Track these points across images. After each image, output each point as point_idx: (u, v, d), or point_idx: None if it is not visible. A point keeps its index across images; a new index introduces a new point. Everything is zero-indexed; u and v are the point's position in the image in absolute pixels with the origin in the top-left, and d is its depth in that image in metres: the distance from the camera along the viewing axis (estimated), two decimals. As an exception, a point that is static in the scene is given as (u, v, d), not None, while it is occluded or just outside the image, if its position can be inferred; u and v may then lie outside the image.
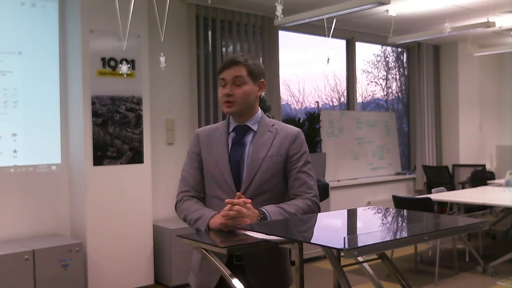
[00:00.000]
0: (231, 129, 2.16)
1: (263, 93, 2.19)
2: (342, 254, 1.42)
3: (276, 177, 2.08)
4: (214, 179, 2.12)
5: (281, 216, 1.97)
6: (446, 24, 5.84)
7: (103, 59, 4.62)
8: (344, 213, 2.14)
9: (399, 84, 8.87)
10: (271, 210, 1.98)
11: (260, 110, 2.20)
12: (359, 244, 1.44)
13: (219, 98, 2.13)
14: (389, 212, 2.20)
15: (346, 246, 1.38)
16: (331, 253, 1.64)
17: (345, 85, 7.79)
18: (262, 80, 2.16)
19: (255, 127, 2.14)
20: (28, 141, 4.58)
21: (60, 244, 4.30)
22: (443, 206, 6.07)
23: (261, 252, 2.00)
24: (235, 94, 2.07)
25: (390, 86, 8.76)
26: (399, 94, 8.90)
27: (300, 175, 2.09)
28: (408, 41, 6.66)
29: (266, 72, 6.10)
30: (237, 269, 1.94)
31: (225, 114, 2.15)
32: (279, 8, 4.19)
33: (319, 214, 2.10)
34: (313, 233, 1.91)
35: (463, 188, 7.48)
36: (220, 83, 2.12)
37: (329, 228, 1.97)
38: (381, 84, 8.63)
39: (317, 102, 7.74)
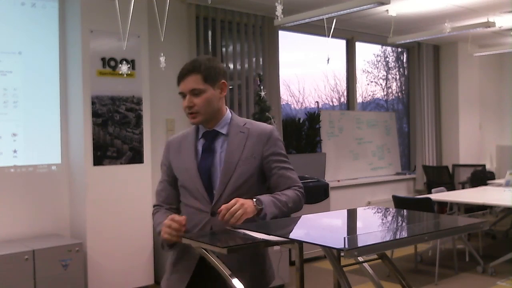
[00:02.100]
0: (200, 136, 2.12)
1: (224, 94, 2.12)
2: (342, 254, 1.42)
3: (252, 179, 2.05)
4: (185, 187, 2.10)
5: (274, 205, 1.98)
6: (446, 24, 5.85)
7: (103, 59, 4.62)
8: (344, 213, 2.14)
9: (399, 84, 8.87)
10: (263, 198, 1.97)
11: (228, 110, 2.14)
12: (359, 244, 1.44)
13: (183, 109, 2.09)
14: (389, 212, 2.20)
15: (346, 246, 1.38)
16: (331, 253, 1.64)
17: (345, 85, 7.79)
18: (223, 81, 2.08)
19: (224, 130, 2.09)
20: (28, 141, 4.58)
21: (60, 244, 4.30)
22: (443, 206, 6.07)
23: (237, 253, 1.96)
24: (196, 105, 2.02)
25: (390, 86, 8.77)
26: (399, 94, 8.90)
27: (283, 172, 2.08)
28: (408, 41, 6.66)
29: (266, 72, 6.15)
30: (214, 268, 1.94)
31: (192, 124, 2.12)
32: (279, 8, 4.19)
33: (319, 214, 2.10)
34: (313, 233, 1.91)
35: (463, 188, 7.48)
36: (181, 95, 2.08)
37: (329, 228, 1.97)
38: (381, 84, 8.63)
39: (317, 102, 7.75)
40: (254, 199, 1.93)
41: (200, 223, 2.02)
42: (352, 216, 2.12)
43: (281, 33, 6.46)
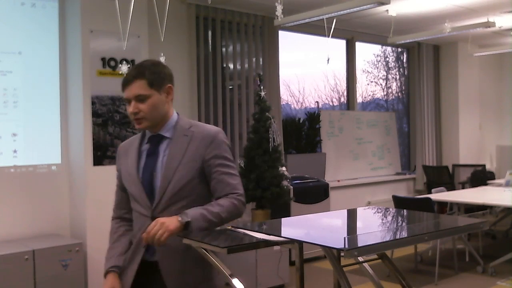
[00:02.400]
0: (146, 140, 2.11)
1: (171, 98, 2.08)
2: (342, 254, 1.42)
3: (193, 183, 2.01)
4: (129, 192, 2.11)
5: (202, 218, 1.91)
6: (446, 24, 5.84)
7: (103, 59, 4.62)
8: (344, 213, 2.14)
9: (399, 84, 8.88)
10: (191, 211, 1.91)
11: (175, 113, 2.11)
12: (359, 244, 1.44)
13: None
14: (389, 212, 2.20)
15: (346, 246, 1.39)
16: (331, 253, 1.64)
17: (345, 85, 7.79)
18: (169, 85, 2.05)
19: (169, 134, 2.06)
20: (28, 141, 4.58)
21: (60, 244, 4.29)
22: (443, 206, 6.07)
23: (180, 256, 1.98)
24: (141, 111, 1.98)
25: (390, 86, 8.77)
26: (399, 94, 8.90)
27: (221, 177, 2.01)
28: (408, 41, 6.66)
29: (266, 72, 6.15)
30: (155, 272, 1.98)
31: (138, 129, 2.09)
32: (279, 8, 4.19)
33: (319, 214, 2.10)
34: (313, 233, 1.91)
35: (463, 188, 7.48)
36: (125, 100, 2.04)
37: (329, 228, 1.97)
38: (381, 84, 8.63)
39: (317, 102, 7.75)
40: (180, 215, 1.89)
41: (143, 227, 2.00)
42: (352, 216, 2.12)
43: (281, 33, 6.46)
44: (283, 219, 2.00)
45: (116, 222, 2.24)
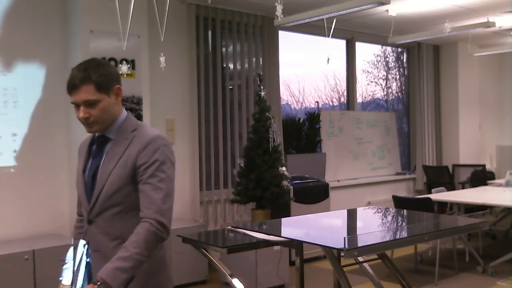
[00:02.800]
0: (96, 141, 2.06)
1: (120, 98, 2.00)
2: (342, 254, 1.42)
3: (125, 190, 1.91)
4: (77, 193, 2.07)
5: (119, 271, 1.74)
6: (446, 24, 5.84)
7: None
8: (344, 213, 2.15)
9: (399, 84, 8.87)
10: (105, 271, 1.75)
11: (123, 114, 2.02)
12: (359, 244, 1.44)
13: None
14: (389, 212, 2.20)
15: (346, 246, 1.39)
16: (331, 253, 1.64)
17: (345, 85, 7.79)
18: (117, 86, 1.97)
19: (112, 135, 1.99)
20: (28, 141, 4.58)
21: (60, 244, 4.29)
22: (443, 206, 6.07)
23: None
24: (92, 115, 1.92)
25: (390, 86, 8.77)
26: (399, 94, 8.90)
27: (144, 188, 1.87)
28: (408, 41, 6.66)
29: (266, 72, 6.15)
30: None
31: (89, 132, 2.04)
32: (279, 8, 4.19)
33: (319, 214, 2.10)
34: (313, 233, 1.91)
35: (463, 188, 7.48)
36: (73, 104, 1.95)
37: (329, 228, 1.97)
38: (381, 84, 8.63)
39: (317, 102, 7.75)
40: (97, 282, 1.73)
41: (85, 230, 1.99)
42: (352, 216, 2.12)
43: (281, 33, 6.46)
44: (283, 219, 2.00)
45: (77, 220, 2.21)
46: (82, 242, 2.01)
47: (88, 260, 1.98)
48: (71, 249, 2.15)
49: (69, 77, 1.94)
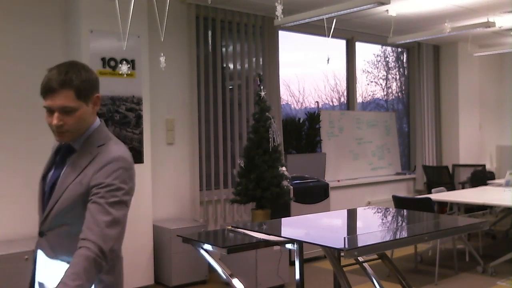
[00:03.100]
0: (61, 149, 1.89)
1: (98, 108, 1.84)
2: (342, 254, 1.42)
3: (77, 210, 1.73)
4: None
5: None
6: (446, 24, 5.84)
7: (103, 59, 4.62)
8: (344, 213, 2.15)
9: (399, 84, 8.88)
10: None
11: (94, 124, 1.84)
12: (359, 244, 1.44)
13: (47, 123, 1.77)
14: (389, 212, 2.20)
15: (346, 246, 1.39)
16: (331, 253, 1.64)
17: (345, 85, 7.79)
18: (96, 95, 1.81)
19: (77, 146, 1.81)
20: (28, 141, 4.58)
21: (60, 244, 4.29)
22: (443, 206, 6.07)
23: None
24: (66, 124, 1.74)
25: (390, 86, 8.77)
26: (399, 94, 8.90)
27: (91, 207, 1.67)
28: (408, 41, 6.66)
29: (266, 72, 6.15)
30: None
31: (58, 142, 1.87)
32: (279, 8, 4.19)
33: (319, 214, 2.10)
34: (313, 233, 1.91)
35: (463, 188, 7.48)
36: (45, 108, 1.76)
37: (329, 228, 1.97)
38: (381, 84, 8.63)
39: (317, 102, 7.75)
40: None
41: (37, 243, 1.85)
42: (352, 216, 2.12)
43: (281, 33, 6.46)
44: (283, 219, 2.00)
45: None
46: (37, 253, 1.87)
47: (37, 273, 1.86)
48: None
49: (45, 78, 1.78)
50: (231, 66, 6.02)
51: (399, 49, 8.68)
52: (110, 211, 1.66)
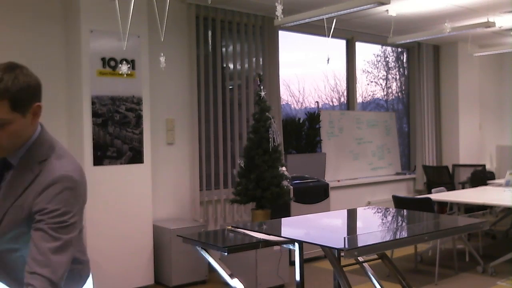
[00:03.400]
0: None
1: (38, 118, 1.59)
2: (342, 254, 1.42)
3: (25, 236, 1.51)
4: None
5: None
6: (446, 24, 5.84)
7: (103, 59, 4.62)
8: (344, 213, 2.15)
9: (399, 84, 8.88)
10: None
11: (34, 136, 1.59)
12: (359, 244, 1.44)
13: None
14: (389, 212, 2.20)
15: (346, 246, 1.39)
16: (331, 253, 1.64)
17: (345, 85, 7.79)
18: (37, 104, 1.54)
19: (15, 161, 1.57)
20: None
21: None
22: (443, 206, 6.07)
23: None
24: None
25: (390, 86, 8.77)
26: (399, 94, 8.90)
27: (33, 234, 1.46)
28: (408, 41, 6.66)
29: (266, 72, 6.15)
30: None
31: None
32: (279, 8, 4.19)
33: (319, 214, 2.10)
34: (313, 233, 1.92)
35: (463, 188, 7.48)
36: None
37: (329, 228, 1.97)
38: (381, 84, 8.63)
39: (317, 102, 7.75)
40: None
41: None
42: (352, 216, 2.12)
43: (281, 33, 6.46)
44: (283, 219, 2.00)
45: None
46: None
47: None
48: None
49: None
50: (231, 66, 6.02)
51: (399, 49, 8.68)
52: (56, 236, 1.46)
